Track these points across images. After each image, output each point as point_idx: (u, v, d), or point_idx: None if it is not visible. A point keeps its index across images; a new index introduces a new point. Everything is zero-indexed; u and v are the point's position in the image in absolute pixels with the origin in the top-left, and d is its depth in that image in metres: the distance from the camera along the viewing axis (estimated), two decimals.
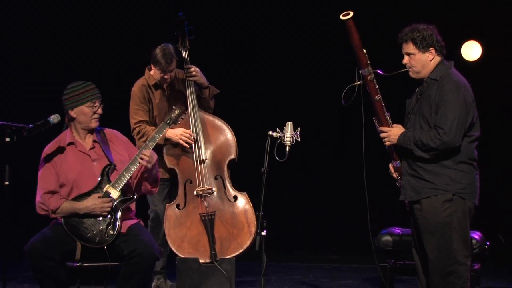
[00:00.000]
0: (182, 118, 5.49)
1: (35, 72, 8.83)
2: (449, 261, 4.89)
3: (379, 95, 5.06)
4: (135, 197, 5.10)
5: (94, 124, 5.16)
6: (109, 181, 5.04)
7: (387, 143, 5.10)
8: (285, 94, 8.77)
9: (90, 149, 5.16)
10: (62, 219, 4.98)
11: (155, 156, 5.12)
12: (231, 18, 8.86)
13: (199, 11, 8.54)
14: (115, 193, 5.02)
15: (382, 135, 5.10)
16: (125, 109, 6.41)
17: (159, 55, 6.07)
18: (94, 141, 5.18)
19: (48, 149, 5.15)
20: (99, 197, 4.98)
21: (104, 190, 5.02)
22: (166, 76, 6.16)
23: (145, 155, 5.04)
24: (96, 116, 5.15)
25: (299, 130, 5.30)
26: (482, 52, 8.10)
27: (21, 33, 8.85)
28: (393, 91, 5.29)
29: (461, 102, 4.91)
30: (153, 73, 6.21)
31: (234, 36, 8.88)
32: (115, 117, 6.00)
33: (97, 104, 5.14)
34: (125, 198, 5.05)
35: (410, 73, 5.09)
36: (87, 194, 5.00)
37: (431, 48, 5.01)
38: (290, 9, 8.83)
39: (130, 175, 5.05)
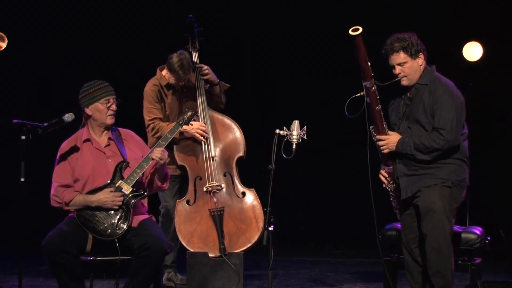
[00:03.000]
0: (194, 120, 5.50)
1: (36, 72, 8.88)
2: (446, 243, 5.00)
3: (380, 105, 5.12)
4: (146, 193, 5.15)
5: (110, 120, 5.20)
6: (121, 177, 5.08)
7: (386, 151, 5.16)
8: (291, 93, 8.80)
9: (105, 146, 5.21)
10: (75, 212, 5.03)
11: (166, 153, 5.18)
12: (240, 15, 8.81)
13: (209, 7, 8.52)
14: (127, 188, 5.05)
15: (380, 143, 5.16)
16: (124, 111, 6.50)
17: (177, 65, 6.09)
18: (109, 138, 5.23)
19: (65, 145, 5.20)
20: (111, 191, 5.03)
21: (117, 185, 5.06)
22: (180, 83, 6.24)
23: (155, 154, 5.09)
24: (110, 112, 5.19)
25: (305, 129, 5.31)
26: (483, 53, 8.01)
27: (21, 33, 8.86)
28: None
29: (456, 102, 5.03)
30: (165, 74, 6.25)
31: (240, 34, 8.87)
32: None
33: (111, 100, 5.19)
34: (137, 193, 5.09)
35: (404, 82, 5.13)
36: (100, 188, 5.06)
37: (420, 54, 5.10)
38: (301, 4, 8.82)
39: (142, 171, 5.08)
